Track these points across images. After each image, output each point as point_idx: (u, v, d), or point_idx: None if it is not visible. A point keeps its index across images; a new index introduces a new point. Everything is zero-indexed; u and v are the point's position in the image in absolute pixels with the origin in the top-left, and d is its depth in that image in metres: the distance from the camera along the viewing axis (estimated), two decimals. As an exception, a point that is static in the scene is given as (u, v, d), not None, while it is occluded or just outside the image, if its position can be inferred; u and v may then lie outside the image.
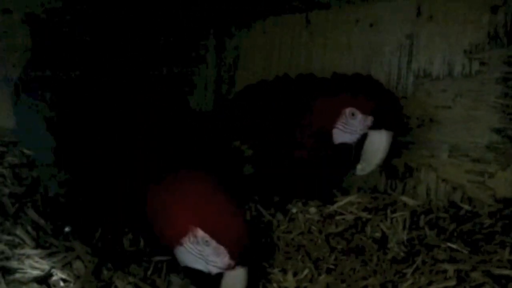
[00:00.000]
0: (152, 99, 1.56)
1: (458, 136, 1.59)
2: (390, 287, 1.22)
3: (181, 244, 1.17)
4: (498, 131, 1.52)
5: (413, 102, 1.66)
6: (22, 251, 1.19)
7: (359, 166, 1.49)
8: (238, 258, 1.15)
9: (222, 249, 1.14)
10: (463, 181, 1.58)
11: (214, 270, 1.17)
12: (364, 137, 1.46)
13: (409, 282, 1.20)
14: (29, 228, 1.27)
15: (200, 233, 1.15)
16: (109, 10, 1.96)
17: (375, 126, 1.43)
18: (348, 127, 1.47)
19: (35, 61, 1.74)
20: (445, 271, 1.18)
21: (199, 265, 1.19)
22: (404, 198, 1.66)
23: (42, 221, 1.35)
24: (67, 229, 1.34)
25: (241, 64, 2.18)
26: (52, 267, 1.08)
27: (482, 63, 1.54)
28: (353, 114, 1.46)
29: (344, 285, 1.29)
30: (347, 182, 1.80)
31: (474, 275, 1.14)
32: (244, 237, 1.16)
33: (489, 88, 1.53)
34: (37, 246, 1.22)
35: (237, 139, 1.67)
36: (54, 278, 1.07)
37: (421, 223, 1.55)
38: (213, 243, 1.15)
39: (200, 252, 1.17)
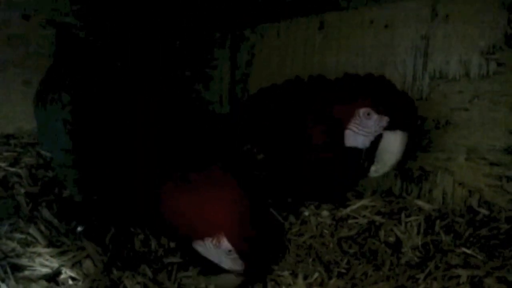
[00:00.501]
0: (167, 99, 1.59)
1: (475, 138, 1.55)
2: (401, 292, 1.19)
3: (202, 240, 1.22)
4: (516, 133, 1.48)
5: (428, 104, 1.63)
6: (33, 250, 1.21)
7: (373, 168, 1.47)
8: (251, 269, 1.23)
9: (240, 262, 1.22)
10: (481, 185, 1.54)
11: (225, 268, 1.25)
12: (378, 138, 1.43)
13: (421, 287, 1.17)
14: (42, 227, 1.29)
15: (226, 243, 1.20)
16: (127, 15, 1.99)
17: (390, 127, 1.40)
18: (362, 128, 1.45)
19: (55, 66, 1.78)
20: (458, 277, 1.15)
21: (212, 259, 1.25)
22: (419, 202, 1.62)
23: (55, 221, 1.37)
24: (79, 228, 1.35)
25: (255, 67, 2.18)
26: (62, 265, 1.09)
27: (499, 64, 1.50)
28: (368, 114, 1.44)
29: (355, 289, 1.26)
30: (361, 185, 1.77)
31: (488, 281, 1.10)
32: (261, 251, 1.24)
33: (506, 89, 1.48)
34: (49, 244, 1.23)
35: (248, 142, 1.67)
36: (63, 276, 1.08)
37: (437, 228, 1.51)
38: (234, 255, 1.21)
39: (219, 255, 1.24)
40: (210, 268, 1.29)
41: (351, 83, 1.58)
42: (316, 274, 1.34)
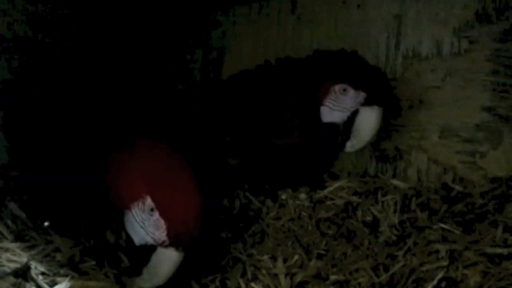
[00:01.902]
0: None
1: (448, 116, 1.56)
2: (381, 270, 1.19)
3: (130, 209, 1.17)
4: (488, 109, 1.50)
5: (402, 83, 1.63)
6: (0, 245, 1.15)
7: (349, 143, 1.47)
8: (175, 238, 1.12)
9: (162, 222, 1.13)
10: (454, 162, 1.56)
11: (150, 242, 1.16)
12: (354, 114, 1.42)
13: (401, 264, 1.18)
14: (9, 222, 1.23)
15: (149, 200, 1.15)
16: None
17: (367, 102, 1.40)
18: (338, 104, 1.45)
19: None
20: (437, 252, 1.16)
21: (139, 235, 1.18)
22: (395, 181, 1.63)
23: (23, 215, 1.31)
24: (46, 223, 1.30)
25: (227, 52, 2.13)
26: (30, 260, 1.04)
27: (471, 41, 1.51)
28: (344, 90, 1.43)
29: (335, 269, 1.26)
30: (336, 167, 1.76)
31: (467, 254, 1.11)
32: (190, 221, 1.13)
33: (478, 66, 1.50)
34: (16, 239, 1.17)
35: (221, 130, 1.64)
36: (33, 271, 1.03)
37: (413, 205, 1.52)
38: (156, 214, 1.14)
39: (143, 221, 1.16)
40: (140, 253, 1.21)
41: (324, 60, 1.56)
42: (296, 257, 1.32)
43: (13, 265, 1.02)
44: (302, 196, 1.61)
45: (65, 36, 1.59)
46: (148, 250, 1.15)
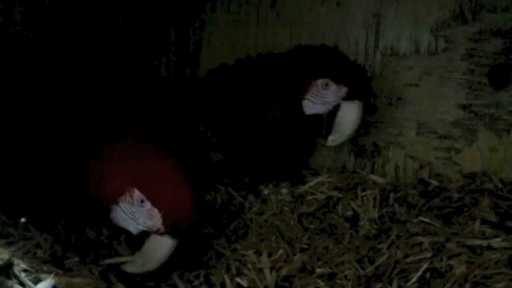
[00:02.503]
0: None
1: (425, 113, 1.61)
2: (366, 262, 1.22)
3: (116, 203, 1.16)
4: (464, 107, 1.55)
5: (380, 81, 1.66)
6: (-23, 242, 1.10)
7: (330, 137, 1.48)
8: (171, 226, 1.12)
9: (156, 212, 1.13)
10: (431, 158, 1.61)
11: (142, 230, 1.16)
12: (335, 108, 1.44)
13: (385, 256, 1.20)
14: (-16, 219, 1.18)
15: (137, 193, 1.14)
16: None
17: (348, 97, 1.42)
18: (319, 98, 1.46)
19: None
20: (420, 244, 1.19)
21: (130, 227, 1.17)
22: (373, 177, 1.67)
23: (-1, 212, 1.25)
24: (23, 219, 1.25)
25: (205, 47, 2.10)
26: (12, 257, 1.00)
27: (448, 41, 1.55)
28: (326, 85, 1.44)
29: (320, 262, 1.27)
30: (316, 163, 1.78)
31: (449, 246, 1.15)
32: (185, 208, 1.14)
33: (455, 65, 1.55)
34: (-7, 236, 1.13)
35: (202, 125, 1.63)
36: (15, 268, 0.99)
37: (391, 200, 1.56)
38: (148, 204, 1.14)
39: (133, 213, 1.16)
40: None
41: (306, 54, 1.57)
42: (281, 251, 1.33)
43: (-6, 262, 0.98)
44: (284, 191, 1.61)
45: (48, 31, 1.54)
46: (141, 236, 1.15)
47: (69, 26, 1.66)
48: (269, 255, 1.34)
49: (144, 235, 1.16)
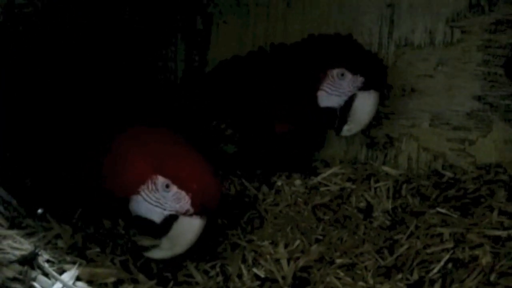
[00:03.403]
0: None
1: (439, 104, 1.60)
2: (386, 253, 1.22)
3: (137, 193, 1.15)
4: (479, 98, 1.55)
5: (394, 72, 1.66)
6: (-3, 232, 1.09)
7: (346, 127, 1.48)
8: (200, 206, 1.13)
9: (183, 194, 1.12)
10: (445, 149, 1.61)
11: (169, 214, 1.15)
12: (351, 98, 1.43)
13: (405, 247, 1.20)
14: (1, 208, 1.17)
15: (160, 179, 1.13)
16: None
17: (364, 87, 1.41)
18: (335, 89, 1.45)
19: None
20: (440, 234, 1.19)
21: (155, 214, 1.16)
22: (386, 168, 1.67)
23: (14, 202, 1.24)
24: (40, 210, 1.24)
25: (214, 38, 2.08)
26: (37, 248, 0.99)
27: (464, 31, 1.55)
28: (342, 75, 1.43)
29: (338, 253, 1.27)
30: (327, 154, 1.78)
31: (470, 236, 1.15)
32: (212, 188, 1.15)
33: (470, 56, 1.54)
34: (12, 226, 1.12)
35: (215, 118, 1.62)
36: (38, 258, 0.98)
37: (404, 191, 1.56)
38: (174, 188, 1.13)
39: (158, 200, 1.15)
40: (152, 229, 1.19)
41: (320, 44, 1.56)
42: (297, 242, 1.33)
43: (18, 253, 0.97)
44: (297, 182, 1.61)
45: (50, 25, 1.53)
46: (166, 222, 1.14)
47: (78, 20, 1.65)
48: (286, 246, 1.34)
49: (168, 222, 1.14)
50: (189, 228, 1.14)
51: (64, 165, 1.24)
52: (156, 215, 1.15)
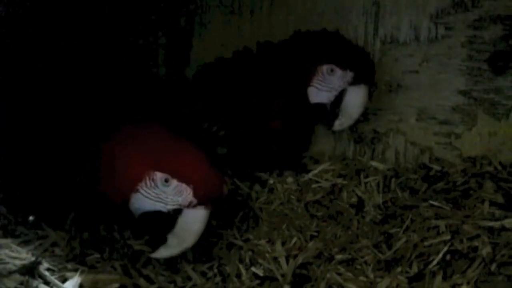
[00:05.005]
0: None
1: (425, 100, 1.64)
2: (384, 247, 1.24)
3: (136, 191, 1.13)
4: (464, 93, 1.59)
5: (380, 68, 1.68)
6: (-10, 241, 1.05)
7: (337, 122, 1.50)
8: (203, 196, 1.12)
9: (184, 186, 1.11)
10: (431, 143, 1.64)
11: (172, 208, 1.14)
12: (341, 93, 1.44)
13: (403, 240, 1.22)
14: (-9, 217, 1.12)
15: (158, 174, 1.12)
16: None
17: (355, 81, 1.42)
18: (325, 85, 1.46)
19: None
20: (436, 227, 1.22)
21: (157, 208, 1.14)
22: (374, 163, 1.69)
23: (3, 209, 1.20)
24: (31, 218, 1.21)
25: (197, 36, 2.06)
26: (39, 256, 0.96)
27: (448, 28, 1.58)
28: (331, 71, 1.45)
29: (336, 249, 1.28)
30: (316, 151, 1.79)
31: (466, 228, 1.18)
32: (212, 176, 1.14)
33: (454, 52, 1.58)
34: (6, 234, 1.08)
35: (206, 120, 1.60)
36: (39, 267, 0.95)
37: (393, 186, 1.58)
38: (174, 182, 1.12)
39: (158, 195, 1.13)
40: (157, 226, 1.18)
41: (307, 41, 1.56)
42: (295, 239, 1.34)
43: (18, 262, 0.93)
44: (289, 179, 1.62)
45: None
46: (170, 218, 1.12)
47: (63, 20, 1.60)
48: (283, 243, 1.34)
49: (171, 217, 1.13)
50: (195, 220, 1.12)
51: (57, 170, 1.20)
52: (160, 208, 1.14)
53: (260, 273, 1.26)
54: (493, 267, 1.06)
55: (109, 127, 1.22)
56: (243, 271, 1.27)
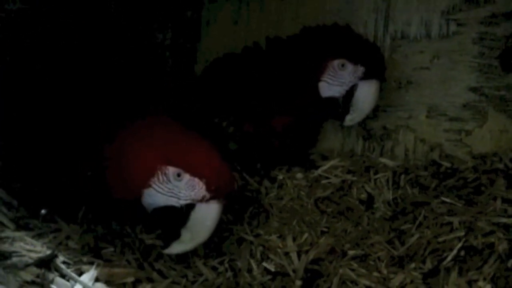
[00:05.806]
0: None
1: (435, 96, 1.63)
2: (397, 243, 1.23)
3: (148, 186, 1.12)
4: (474, 90, 1.58)
5: (390, 65, 1.67)
6: (3, 234, 1.04)
7: (348, 117, 1.49)
8: (216, 190, 1.11)
9: (196, 180, 1.10)
10: (441, 140, 1.64)
11: (185, 203, 1.13)
12: (352, 88, 1.44)
13: (416, 236, 1.22)
14: (4, 209, 1.12)
15: (171, 169, 1.11)
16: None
17: (366, 76, 1.42)
18: (336, 79, 1.45)
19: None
20: (449, 223, 1.21)
21: (170, 203, 1.14)
22: (384, 160, 1.68)
23: (15, 202, 1.19)
24: (43, 211, 1.20)
25: (206, 33, 2.05)
26: (53, 250, 0.96)
27: (459, 24, 1.58)
28: (343, 65, 1.44)
29: (348, 245, 1.28)
30: (325, 147, 1.78)
31: (480, 224, 1.18)
32: (224, 171, 1.13)
33: (466, 48, 1.57)
34: (18, 228, 1.07)
35: (216, 116, 1.60)
36: (56, 260, 0.95)
37: (402, 182, 1.58)
38: (186, 176, 1.11)
39: (171, 190, 1.12)
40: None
41: (318, 35, 1.55)
42: (306, 235, 1.33)
43: (34, 255, 0.93)
44: (299, 175, 1.61)
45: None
46: (183, 213, 1.11)
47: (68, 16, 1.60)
48: (294, 239, 1.34)
49: (184, 212, 1.12)
50: (208, 214, 1.12)
51: (68, 166, 1.19)
52: (173, 203, 1.13)
53: (272, 268, 1.26)
54: (510, 263, 1.05)
55: (121, 123, 1.22)
56: (254, 266, 1.27)
